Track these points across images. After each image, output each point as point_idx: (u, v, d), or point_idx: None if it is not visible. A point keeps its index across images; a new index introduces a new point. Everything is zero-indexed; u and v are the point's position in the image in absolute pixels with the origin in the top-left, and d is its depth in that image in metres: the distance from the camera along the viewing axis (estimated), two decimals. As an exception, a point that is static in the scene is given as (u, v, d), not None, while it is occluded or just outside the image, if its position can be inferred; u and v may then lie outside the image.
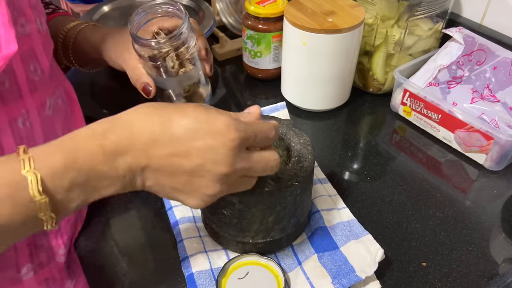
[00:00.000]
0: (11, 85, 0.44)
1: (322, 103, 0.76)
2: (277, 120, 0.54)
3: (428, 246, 0.55)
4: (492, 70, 0.69)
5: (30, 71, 0.47)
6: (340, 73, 0.72)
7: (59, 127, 0.53)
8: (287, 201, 0.47)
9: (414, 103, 0.71)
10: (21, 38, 0.45)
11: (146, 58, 0.56)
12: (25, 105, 0.46)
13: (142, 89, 0.60)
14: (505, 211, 0.60)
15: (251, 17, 0.77)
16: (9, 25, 0.41)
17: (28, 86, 0.47)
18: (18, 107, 0.45)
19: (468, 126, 0.65)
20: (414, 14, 0.71)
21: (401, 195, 0.62)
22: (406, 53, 0.77)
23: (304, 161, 0.49)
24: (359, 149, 0.70)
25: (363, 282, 0.49)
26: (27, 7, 0.47)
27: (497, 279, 0.51)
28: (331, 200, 0.58)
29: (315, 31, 0.66)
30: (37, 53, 0.48)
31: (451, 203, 0.60)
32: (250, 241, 0.50)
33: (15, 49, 0.40)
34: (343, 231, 0.53)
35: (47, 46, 0.51)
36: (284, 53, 0.74)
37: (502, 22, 0.76)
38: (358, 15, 0.68)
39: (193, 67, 0.59)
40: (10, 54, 0.40)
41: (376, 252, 0.50)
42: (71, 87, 0.60)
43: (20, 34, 0.45)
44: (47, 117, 0.50)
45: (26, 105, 0.46)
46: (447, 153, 0.69)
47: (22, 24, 0.46)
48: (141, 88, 0.60)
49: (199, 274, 0.49)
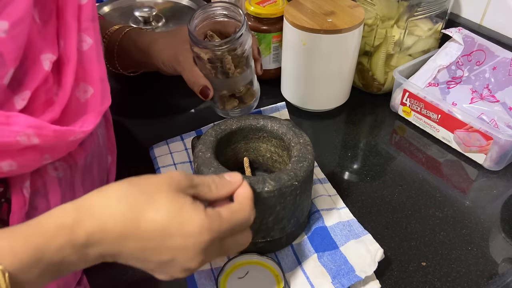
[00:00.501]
0: None
1: (322, 103, 0.76)
2: (277, 120, 0.55)
3: (427, 246, 0.55)
4: (492, 70, 0.69)
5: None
6: (340, 73, 0.72)
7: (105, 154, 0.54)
8: (287, 201, 0.47)
9: (413, 103, 0.71)
10: None
11: (206, 60, 0.56)
12: (93, 140, 0.47)
13: (200, 91, 0.60)
14: (504, 211, 0.60)
15: (251, 17, 0.77)
16: (106, 81, 0.43)
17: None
18: (90, 144, 0.46)
19: (467, 126, 0.65)
20: (413, 14, 0.71)
21: (401, 195, 0.62)
22: (405, 53, 0.77)
23: (304, 161, 0.49)
24: (359, 149, 0.70)
25: (363, 282, 0.49)
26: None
27: (496, 279, 0.51)
28: (331, 200, 0.58)
29: (315, 32, 0.66)
30: None
31: (450, 203, 0.60)
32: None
33: (108, 103, 0.43)
34: (343, 231, 0.53)
35: None
36: (284, 53, 0.74)
37: (502, 23, 0.76)
38: (358, 15, 0.68)
39: (248, 68, 0.59)
40: (104, 109, 0.42)
41: (375, 251, 0.50)
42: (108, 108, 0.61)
43: None
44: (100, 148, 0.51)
45: (94, 139, 0.47)
46: (446, 153, 0.69)
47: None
48: (199, 91, 0.60)
49: (199, 274, 0.49)
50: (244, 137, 0.56)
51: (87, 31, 0.43)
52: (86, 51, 0.42)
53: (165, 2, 0.95)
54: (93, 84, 0.43)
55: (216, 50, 0.55)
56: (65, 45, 0.41)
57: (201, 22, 0.58)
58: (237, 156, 0.58)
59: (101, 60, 0.44)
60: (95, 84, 0.43)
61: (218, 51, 0.55)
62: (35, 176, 0.41)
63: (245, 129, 0.55)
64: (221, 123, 0.54)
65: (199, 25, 0.58)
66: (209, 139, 0.51)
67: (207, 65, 0.57)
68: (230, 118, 0.55)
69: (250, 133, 0.56)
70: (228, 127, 0.54)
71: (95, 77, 0.43)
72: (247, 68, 0.60)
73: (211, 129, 0.53)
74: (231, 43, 0.55)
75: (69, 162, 0.44)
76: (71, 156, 0.44)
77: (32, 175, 0.40)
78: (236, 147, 0.57)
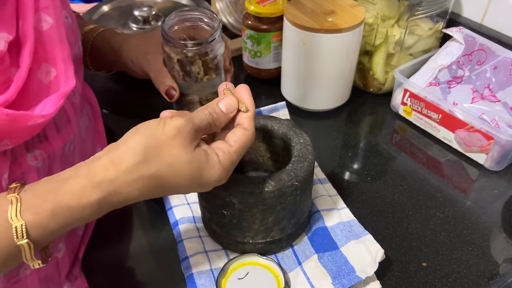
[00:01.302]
0: (60, 110, 0.44)
1: (322, 103, 0.75)
2: (277, 120, 0.54)
3: (428, 246, 0.55)
4: (493, 70, 0.69)
5: (70, 95, 0.47)
6: (340, 73, 0.72)
7: (90, 144, 0.53)
8: (287, 201, 0.47)
9: (414, 103, 0.71)
10: None
11: (175, 61, 0.56)
12: (73, 129, 0.47)
13: (165, 92, 0.60)
14: (505, 211, 0.60)
15: (251, 17, 0.77)
16: (69, 61, 0.42)
17: (73, 109, 0.48)
18: (68, 132, 0.46)
19: (468, 126, 0.65)
20: (414, 13, 0.71)
21: (402, 195, 0.61)
22: (406, 53, 0.77)
23: (304, 161, 0.49)
24: (359, 149, 0.70)
25: (363, 282, 0.49)
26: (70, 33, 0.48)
27: (497, 279, 0.51)
28: (331, 200, 0.58)
29: (315, 31, 0.66)
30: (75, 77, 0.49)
31: (451, 203, 0.60)
32: (250, 241, 0.50)
33: (72, 84, 0.42)
34: (343, 231, 0.53)
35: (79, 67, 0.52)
36: (284, 53, 0.74)
37: (503, 22, 0.76)
38: (358, 14, 0.68)
39: (217, 76, 0.59)
40: (68, 90, 0.41)
41: (376, 252, 0.50)
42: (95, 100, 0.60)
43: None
44: (82, 139, 0.51)
45: (73, 128, 0.47)
46: (447, 153, 0.69)
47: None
48: (165, 91, 0.60)
49: (199, 274, 0.49)
50: (244, 137, 0.56)
51: (47, 10, 0.41)
52: (46, 30, 0.41)
53: (164, 1, 0.95)
54: (56, 65, 0.42)
55: (187, 51, 0.55)
56: (22, 25, 0.40)
57: (176, 24, 0.58)
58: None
59: (63, 40, 0.42)
60: (58, 65, 0.42)
61: (189, 52, 0.55)
62: (14, 167, 0.41)
63: (245, 129, 0.55)
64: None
65: (174, 27, 0.58)
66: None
67: (176, 65, 0.58)
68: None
69: (250, 133, 0.56)
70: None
71: (57, 57, 0.42)
72: (217, 75, 0.60)
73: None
74: (203, 46, 0.55)
75: (48, 151, 0.44)
76: (50, 144, 0.44)
77: (12, 166, 0.40)
78: (236, 147, 0.56)
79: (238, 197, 0.46)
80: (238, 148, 0.41)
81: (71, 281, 0.49)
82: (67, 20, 0.47)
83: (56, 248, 0.48)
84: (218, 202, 0.48)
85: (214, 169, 0.39)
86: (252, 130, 0.42)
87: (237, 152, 0.41)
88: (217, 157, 0.40)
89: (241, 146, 0.41)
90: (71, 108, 0.48)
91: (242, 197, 0.46)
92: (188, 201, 0.58)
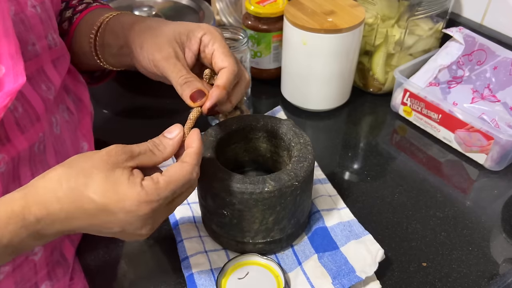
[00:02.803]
0: (25, 109, 0.43)
1: (322, 103, 0.75)
2: (277, 120, 0.54)
3: (428, 246, 0.55)
4: (493, 70, 0.69)
5: (43, 90, 0.46)
6: (340, 73, 0.72)
7: (69, 143, 0.51)
8: (287, 201, 0.47)
9: (414, 103, 0.71)
10: (29, 60, 0.44)
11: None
12: (42, 127, 0.45)
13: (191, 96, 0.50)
14: (505, 211, 0.60)
15: (251, 17, 0.77)
16: (17, 57, 0.40)
17: (44, 106, 0.45)
18: (36, 131, 0.44)
19: (468, 126, 0.65)
20: (414, 14, 0.71)
21: (402, 195, 0.61)
22: (406, 53, 0.77)
23: (304, 161, 0.49)
24: (359, 149, 0.70)
25: (363, 282, 0.49)
26: (37, 23, 0.45)
27: (497, 279, 0.51)
28: (331, 200, 0.58)
29: (315, 31, 0.66)
30: (47, 70, 0.47)
31: (451, 203, 0.60)
32: (250, 241, 0.50)
33: (22, 82, 0.39)
34: (343, 231, 0.53)
35: (59, 61, 0.49)
36: (284, 53, 0.74)
37: (503, 22, 0.76)
38: (358, 14, 0.68)
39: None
40: (17, 88, 0.39)
41: (376, 252, 0.50)
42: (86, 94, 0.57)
43: (27, 58, 0.43)
44: (56, 136, 0.48)
45: (43, 127, 0.45)
46: (447, 153, 0.69)
47: (33, 43, 0.45)
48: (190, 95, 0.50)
49: (199, 274, 0.49)
50: (244, 137, 0.56)
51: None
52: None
53: (164, 1, 0.95)
54: (3, 61, 0.39)
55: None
56: None
57: None
58: (237, 156, 0.57)
59: (10, 34, 0.39)
60: (6, 62, 0.39)
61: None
62: None
63: (245, 129, 0.55)
64: (221, 123, 0.54)
65: None
66: (209, 139, 0.51)
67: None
68: (231, 118, 0.55)
69: (250, 133, 0.56)
70: (228, 127, 0.54)
71: (3, 53, 0.39)
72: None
73: (211, 129, 0.53)
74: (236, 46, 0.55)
75: (12, 154, 0.41)
76: (13, 146, 0.42)
77: None
78: (236, 147, 0.56)
79: (238, 197, 0.46)
80: (170, 180, 0.38)
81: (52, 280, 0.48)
82: (34, 9, 0.45)
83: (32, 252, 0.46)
84: (218, 202, 0.48)
85: (133, 189, 0.37)
86: (192, 164, 0.40)
87: (168, 183, 0.38)
88: (141, 180, 0.38)
89: (173, 179, 0.38)
90: (41, 105, 0.45)
91: (242, 197, 0.46)
92: (188, 201, 0.58)
